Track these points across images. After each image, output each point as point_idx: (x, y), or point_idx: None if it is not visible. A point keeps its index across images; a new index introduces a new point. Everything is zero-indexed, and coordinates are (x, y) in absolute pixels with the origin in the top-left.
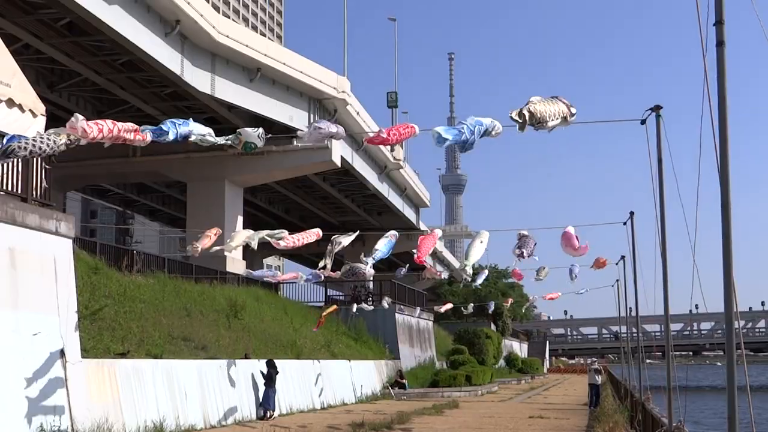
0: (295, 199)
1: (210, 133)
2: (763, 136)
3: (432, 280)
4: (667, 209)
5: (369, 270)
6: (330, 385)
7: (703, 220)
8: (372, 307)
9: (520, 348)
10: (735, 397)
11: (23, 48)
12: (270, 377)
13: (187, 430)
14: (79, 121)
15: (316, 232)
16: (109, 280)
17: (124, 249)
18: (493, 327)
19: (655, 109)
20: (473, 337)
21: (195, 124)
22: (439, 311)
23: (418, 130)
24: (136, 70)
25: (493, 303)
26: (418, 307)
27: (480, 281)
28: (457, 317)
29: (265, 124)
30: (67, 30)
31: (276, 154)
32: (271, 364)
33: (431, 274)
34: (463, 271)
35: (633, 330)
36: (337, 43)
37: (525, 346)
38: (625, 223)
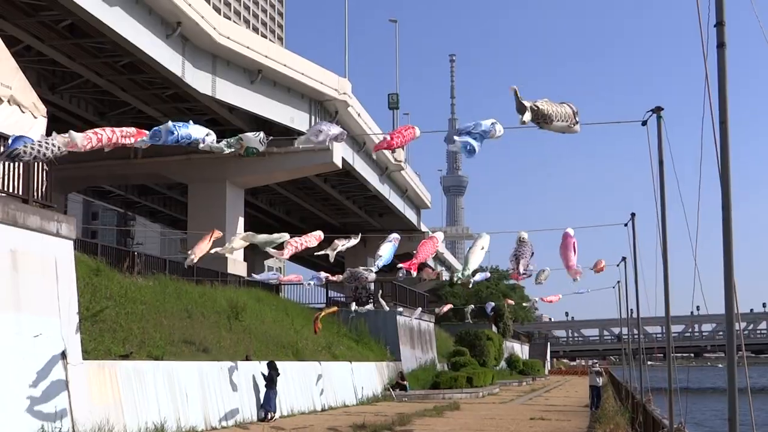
0: (296, 200)
1: (209, 133)
2: (763, 137)
3: (434, 281)
4: (668, 210)
5: (372, 275)
6: (331, 386)
7: (704, 221)
8: (372, 308)
9: (522, 350)
10: (736, 398)
11: (24, 50)
12: (271, 379)
13: (188, 431)
14: (76, 137)
15: (317, 236)
16: (110, 281)
17: (126, 250)
18: (494, 329)
19: (656, 110)
20: (474, 339)
21: (194, 126)
22: (440, 313)
23: (419, 132)
24: (137, 71)
25: (492, 304)
26: (419, 309)
27: (477, 278)
28: (459, 319)
29: (265, 126)
30: (69, 32)
31: (277, 155)
32: (272, 366)
33: (428, 275)
34: (460, 278)
35: (634, 331)
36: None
37: (526, 348)
38: (626, 225)
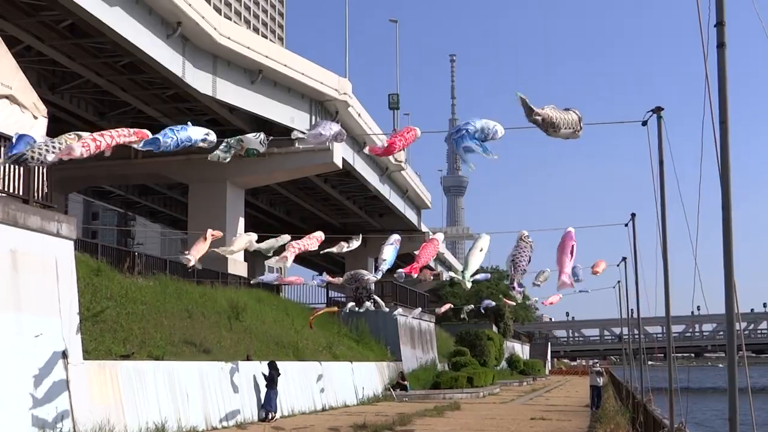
0: (297, 200)
1: (209, 134)
2: (764, 137)
3: (435, 281)
4: (668, 210)
5: (371, 277)
6: (331, 386)
7: (705, 221)
8: (372, 307)
9: (522, 350)
10: (736, 398)
11: (25, 50)
12: (272, 379)
13: (188, 431)
14: (75, 148)
15: (319, 237)
16: (111, 281)
17: (126, 251)
18: (494, 328)
19: (656, 110)
20: (475, 339)
21: (193, 128)
22: (439, 313)
23: (420, 132)
24: (138, 72)
25: (491, 302)
26: (418, 309)
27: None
28: (459, 319)
29: (266, 126)
30: (69, 32)
31: (277, 155)
32: (273, 366)
33: (427, 277)
34: (461, 280)
35: (634, 331)
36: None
37: (527, 348)
38: (626, 225)
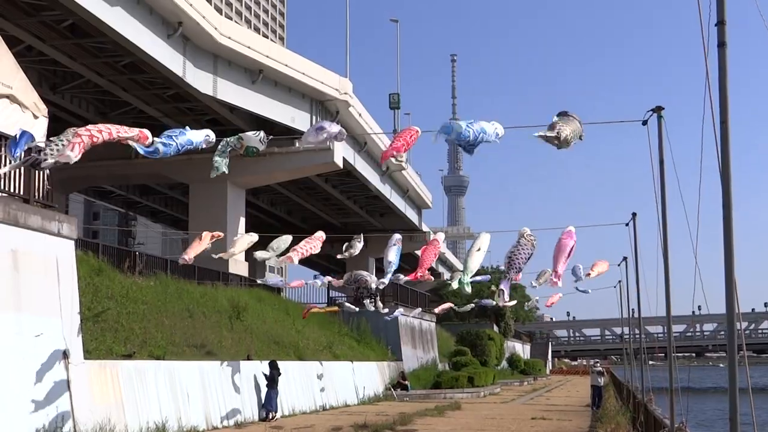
0: (298, 200)
1: (209, 134)
2: (764, 136)
3: (435, 281)
4: (669, 210)
5: (372, 278)
6: (332, 386)
7: (705, 220)
8: (372, 307)
9: (523, 349)
10: (737, 398)
11: (26, 50)
12: (272, 378)
13: (189, 431)
14: (69, 155)
15: (320, 237)
16: (112, 281)
17: (127, 250)
18: (495, 328)
19: (657, 110)
20: (476, 339)
21: (192, 131)
22: (438, 312)
23: (421, 132)
24: (138, 71)
25: (490, 302)
26: (419, 308)
27: (478, 279)
28: (460, 318)
29: (266, 126)
30: (70, 32)
31: (278, 155)
32: (273, 366)
33: (425, 279)
34: (461, 282)
35: (635, 331)
36: (340, 45)
37: (527, 348)
38: (627, 224)
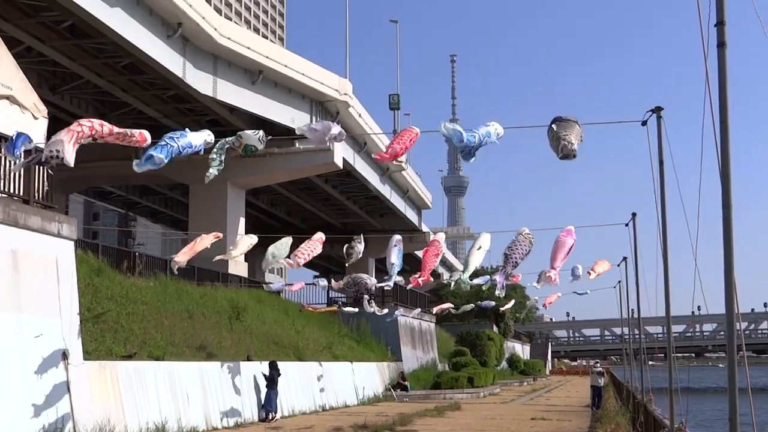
0: (297, 201)
1: (208, 135)
2: (763, 136)
3: (435, 282)
4: (669, 210)
5: (372, 280)
6: (332, 387)
7: (705, 221)
8: (369, 309)
9: (523, 350)
10: (736, 398)
11: (25, 51)
12: (272, 379)
13: (188, 431)
14: (66, 153)
15: (320, 239)
16: (112, 282)
17: (127, 251)
18: (495, 329)
19: (656, 110)
20: (475, 339)
21: (192, 133)
22: (437, 312)
23: (419, 131)
24: (138, 72)
25: (492, 303)
26: (418, 309)
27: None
28: (459, 319)
29: (266, 126)
30: (69, 33)
31: (278, 156)
32: (273, 366)
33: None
34: (461, 281)
35: (635, 331)
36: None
37: (527, 348)
38: (627, 225)
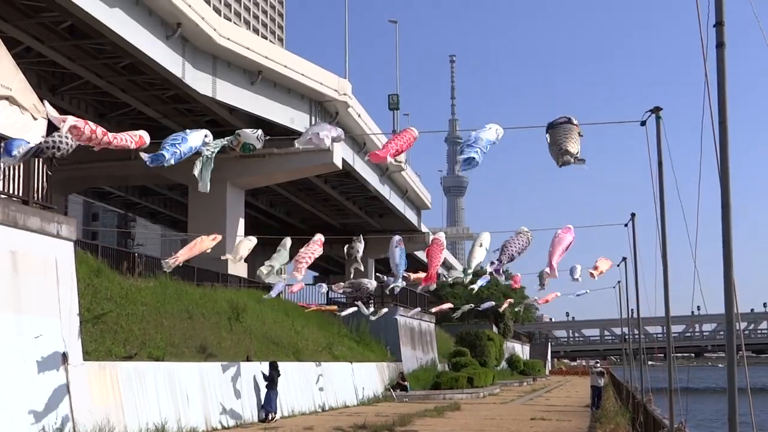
0: (297, 201)
1: (207, 134)
2: (763, 137)
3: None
4: (668, 210)
5: (372, 283)
6: (331, 387)
7: (705, 221)
8: (372, 310)
9: (522, 350)
10: (735, 398)
11: (24, 51)
12: (272, 379)
13: None
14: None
15: (319, 241)
16: (111, 282)
17: (126, 252)
18: (494, 329)
19: (655, 110)
20: (475, 339)
21: (192, 134)
22: (436, 312)
23: (417, 133)
24: (138, 73)
25: (491, 303)
26: (418, 308)
27: (481, 282)
28: (459, 319)
29: (266, 127)
30: (69, 33)
31: (277, 156)
32: (273, 366)
33: (417, 280)
34: (467, 274)
35: (634, 332)
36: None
37: (527, 348)
38: (626, 225)
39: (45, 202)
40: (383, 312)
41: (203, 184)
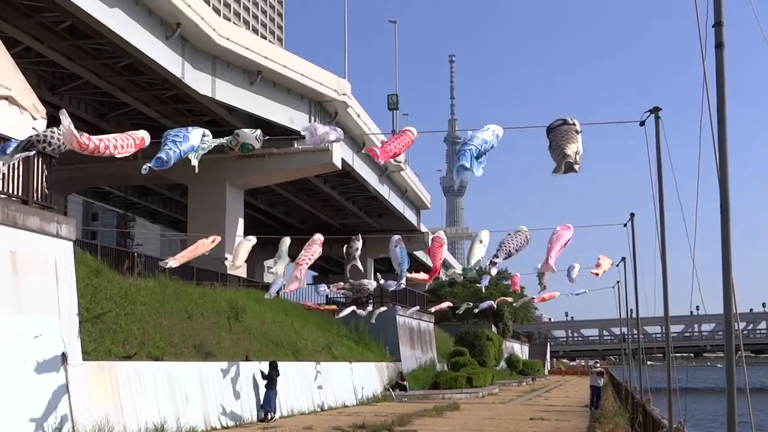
0: (296, 201)
1: (206, 133)
2: (762, 137)
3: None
4: (667, 210)
5: (372, 284)
6: (331, 387)
7: (703, 221)
8: (370, 310)
9: (521, 350)
10: (734, 398)
11: (24, 51)
12: (271, 379)
13: (187, 431)
14: (74, 134)
15: (319, 241)
16: (110, 282)
17: (125, 251)
18: (494, 329)
19: (654, 110)
20: (474, 339)
21: (193, 134)
22: (435, 311)
23: (416, 133)
24: (137, 73)
25: (490, 302)
26: (416, 307)
27: (485, 283)
28: (458, 319)
29: (265, 127)
30: (68, 33)
31: (277, 156)
32: (273, 366)
33: (416, 281)
34: (465, 272)
35: (634, 332)
36: (338, 46)
37: (526, 348)
38: (625, 225)
39: (44, 202)
40: (382, 310)
41: (194, 160)
